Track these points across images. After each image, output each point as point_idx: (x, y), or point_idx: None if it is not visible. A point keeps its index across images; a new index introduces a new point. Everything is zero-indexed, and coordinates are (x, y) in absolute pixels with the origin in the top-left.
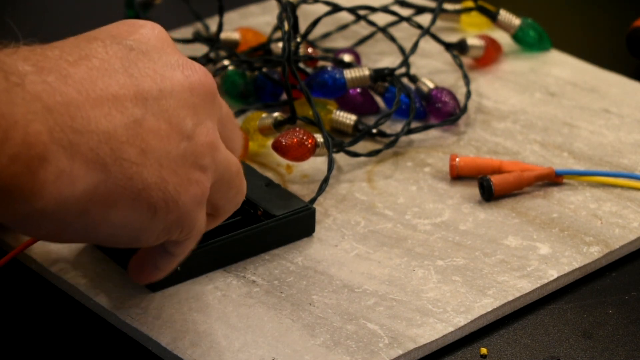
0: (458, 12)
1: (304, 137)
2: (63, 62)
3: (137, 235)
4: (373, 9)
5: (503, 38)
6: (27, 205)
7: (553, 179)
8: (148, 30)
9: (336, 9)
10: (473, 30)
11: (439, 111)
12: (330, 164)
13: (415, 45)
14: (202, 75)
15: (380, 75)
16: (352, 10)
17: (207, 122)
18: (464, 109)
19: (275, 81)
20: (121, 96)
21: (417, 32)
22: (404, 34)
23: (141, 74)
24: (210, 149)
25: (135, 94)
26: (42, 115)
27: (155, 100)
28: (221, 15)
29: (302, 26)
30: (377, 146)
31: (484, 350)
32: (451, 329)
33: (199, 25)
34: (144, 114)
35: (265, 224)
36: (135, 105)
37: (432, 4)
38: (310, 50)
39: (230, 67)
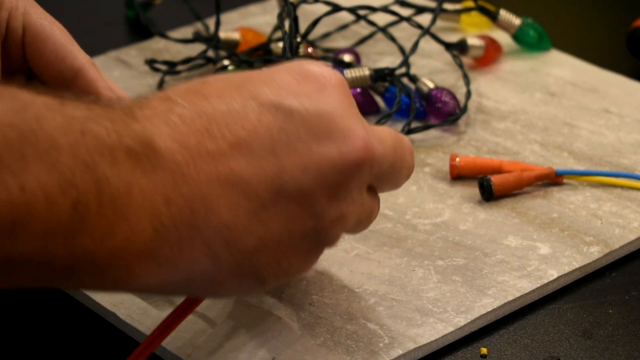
0: (458, 12)
1: None
2: (206, 137)
3: (244, 294)
4: (373, 9)
5: (503, 38)
6: (121, 287)
7: (553, 179)
8: (321, 83)
9: (336, 9)
10: (473, 30)
11: (439, 111)
12: None
13: (415, 45)
14: (360, 148)
15: (380, 75)
16: (352, 10)
17: (347, 196)
18: (464, 109)
19: None
20: (255, 181)
21: (417, 32)
22: (404, 34)
23: (289, 150)
24: (338, 222)
25: (273, 177)
26: (157, 211)
27: (293, 182)
28: (218, 12)
29: (302, 26)
30: None
31: (484, 350)
32: (451, 328)
33: (199, 25)
34: (274, 199)
35: None
36: (268, 190)
37: (432, 4)
38: (310, 50)
39: (230, 67)
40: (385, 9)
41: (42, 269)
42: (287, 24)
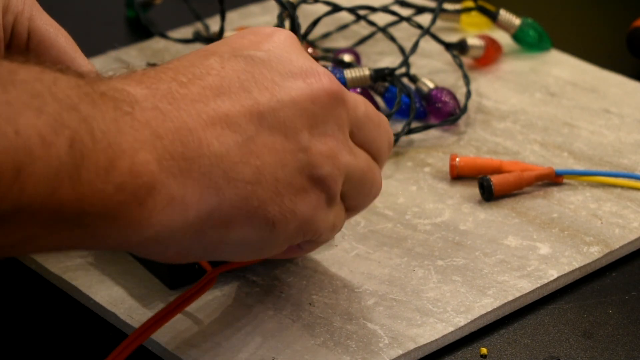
0: (458, 12)
1: None
2: (176, 85)
3: (259, 249)
4: (373, 9)
5: (503, 38)
6: (137, 233)
7: (553, 179)
8: (273, 38)
9: (336, 9)
10: (473, 30)
11: (439, 111)
12: None
13: (415, 45)
14: (325, 82)
15: (381, 75)
16: (352, 10)
17: (328, 130)
18: (464, 109)
19: None
20: (235, 114)
21: (417, 32)
22: (404, 34)
23: (258, 87)
24: (328, 157)
25: (251, 109)
26: (151, 143)
27: (271, 113)
28: (222, 18)
29: (302, 26)
30: None
31: (484, 350)
32: (451, 328)
33: (199, 25)
34: (258, 129)
35: None
36: (249, 122)
37: (432, 4)
38: (310, 50)
39: None
40: (385, 9)
41: (53, 219)
42: (287, 24)
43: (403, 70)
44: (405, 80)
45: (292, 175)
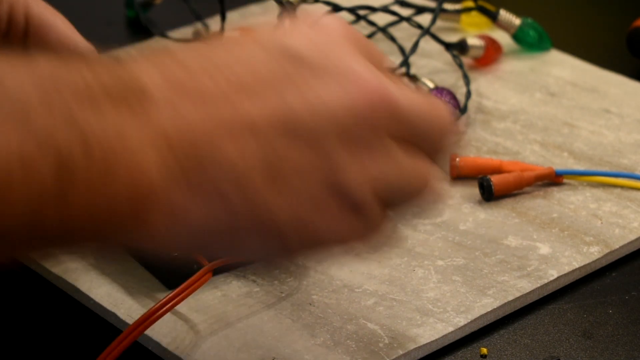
0: (458, 12)
1: None
2: (206, 78)
3: (268, 257)
4: (373, 9)
5: (503, 38)
6: (131, 240)
7: (553, 179)
8: (321, 28)
9: (336, 9)
10: (473, 30)
11: None
12: None
13: (415, 45)
14: (370, 91)
15: None
16: (352, 10)
17: (369, 153)
18: (464, 109)
19: None
20: (262, 121)
21: (417, 32)
22: (404, 34)
23: (293, 92)
24: (365, 185)
25: (280, 118)
26: (158, 150)
27: (303, 125)
28: (223, 18)
29: None
30: None
31: (484, 350)
32: (451, 328)
33: (199, 25)
34: (284, 141)
35: None
36: (275, 131)
37: (432, 4)
38: None
39: None
40: (385, 9)
41: (35, 240)
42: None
43: (403, 70)
44: (405, 80)
45: (315, 192)
